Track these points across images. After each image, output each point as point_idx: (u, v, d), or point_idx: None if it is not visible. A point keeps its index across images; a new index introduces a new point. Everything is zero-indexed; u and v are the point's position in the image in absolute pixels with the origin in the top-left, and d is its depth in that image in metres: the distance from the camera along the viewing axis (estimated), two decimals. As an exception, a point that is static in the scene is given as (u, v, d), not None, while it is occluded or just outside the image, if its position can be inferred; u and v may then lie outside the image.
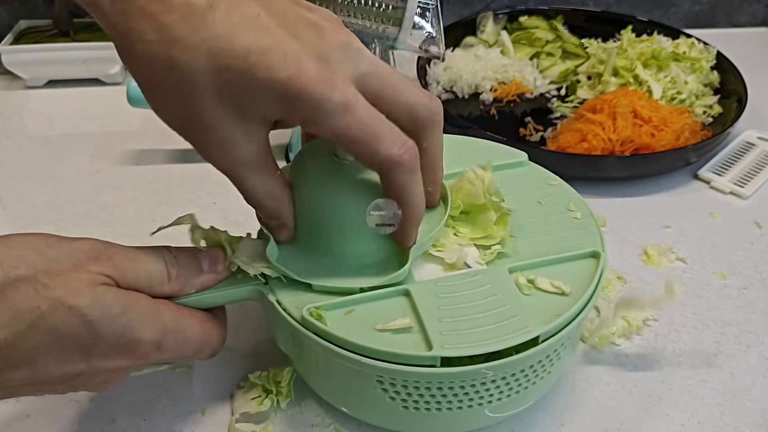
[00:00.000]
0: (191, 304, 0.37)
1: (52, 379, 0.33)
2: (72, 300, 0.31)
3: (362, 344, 0.34)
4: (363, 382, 0.36)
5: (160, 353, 0.35)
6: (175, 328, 0.35)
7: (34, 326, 0.31)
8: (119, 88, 0.80)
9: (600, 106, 0.67)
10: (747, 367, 0.46)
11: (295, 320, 0.36)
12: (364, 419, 0.41)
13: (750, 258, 0.56)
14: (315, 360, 0.39)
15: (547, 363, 0.37)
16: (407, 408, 0.37)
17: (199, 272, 0.37)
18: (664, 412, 0.43)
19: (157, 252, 0.36)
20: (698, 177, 0.66)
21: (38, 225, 0.59)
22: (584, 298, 0.37)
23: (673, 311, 0.50)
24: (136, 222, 0.60)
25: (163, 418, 0.43)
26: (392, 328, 0.35)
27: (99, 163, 0.68)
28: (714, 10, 0.95)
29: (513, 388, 0.37)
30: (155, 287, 0.35)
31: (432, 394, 0.36)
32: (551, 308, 0.36)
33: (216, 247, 0.39)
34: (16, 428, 0.42)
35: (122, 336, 0.33)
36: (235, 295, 0.38)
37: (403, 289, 0.37)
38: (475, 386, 0.35)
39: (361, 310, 0.37)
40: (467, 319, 0.36)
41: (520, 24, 0.86)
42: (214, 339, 0.38)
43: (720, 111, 0.72)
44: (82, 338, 0.32)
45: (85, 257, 0.33)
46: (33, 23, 0.84)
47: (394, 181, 0.34)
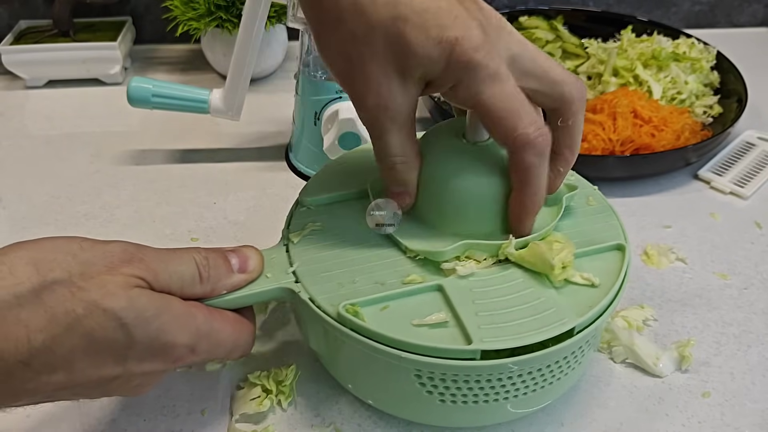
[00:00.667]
0: (222, 305, 0.37)
1: (88, 383, 0.33)
2: (107, 303, 0.31)
3: (402, 339, 0.35)
4: (401, 377, 0.37)
5: (193, 356, 0.35)
6: (208, 331, 0.35)
7: (71, 329, 0.31)
8: (119, 88, 0.80)
9: (600, 106, 0.67)
10: (747, 367, 0.46)
11: (331, 317, 0.37)
12: (397, 414, 0.42)
13: (750, 258, 0.56)
14: (350, 357, 0.39)
15: (579, 354, 0.38)
16: (444, 402, 0.37)
17: (230, 273, 0.37)
18: (664, 412, 0.43)
19: (188, 253, 0.36)
20: (698, 177, 0.66)
21: (38, 225, 0.59)
22: (614, 289, 0.38)
23: (673, 311, 0.50)
24: (136, 222, 0.60)
25: (163, 418, 0.43)
26: (429, 322, 0.36)
27: (99, 163, 0.68)
28: (714, 10, 0.95)
29: (538, 384, 0.37)
30: (187, 289, 0.35)
31: (470, 386, 0.36)
32: (584, 300, 0.37)
33: (247, 247, 0.39)
34: (16, 428, 0.42)
35: (156, 339, 0.33)
36: (267, 294, 0.39)
37: (436, 284, 0.38)
38: (512, 378, 0.36)
39: (396, 306, 0.37)
40: (503, 313, 0.36)
41: (520, 24, 0.86)
42: (245, 340, 0.38)
43: (720, 111, 0.72)
44: (117, 342, 0.32)
45: (118, 260, 0.33)
46: (33, 23, 0.85)
47: (522, 160, 0.36)
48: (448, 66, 0.34)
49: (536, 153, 0.35)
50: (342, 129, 0.58)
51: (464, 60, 0.33)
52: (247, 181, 0.64)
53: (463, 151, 0.39)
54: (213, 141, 0.71)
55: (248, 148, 0.70)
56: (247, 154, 0.69)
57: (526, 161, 0.36)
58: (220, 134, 0.72)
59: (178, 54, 0.89)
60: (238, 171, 0.66)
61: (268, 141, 0.70)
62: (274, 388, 0.43)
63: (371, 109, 0.36)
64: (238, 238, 0.57)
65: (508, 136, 0.35)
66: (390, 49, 0.34)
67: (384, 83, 0.35)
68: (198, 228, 0.59)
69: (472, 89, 0.34)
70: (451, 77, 0.34)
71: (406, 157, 0.38)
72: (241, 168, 0.67)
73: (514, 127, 0.35)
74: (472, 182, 0.39)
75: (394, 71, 0.35)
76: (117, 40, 0.79)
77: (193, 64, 0.86)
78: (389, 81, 0.35)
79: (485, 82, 0.34)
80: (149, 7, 0.88)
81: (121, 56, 0.80)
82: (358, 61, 0.35)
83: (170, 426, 0.42)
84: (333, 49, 0.36)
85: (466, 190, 0.39)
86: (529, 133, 0.35)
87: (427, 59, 0.34)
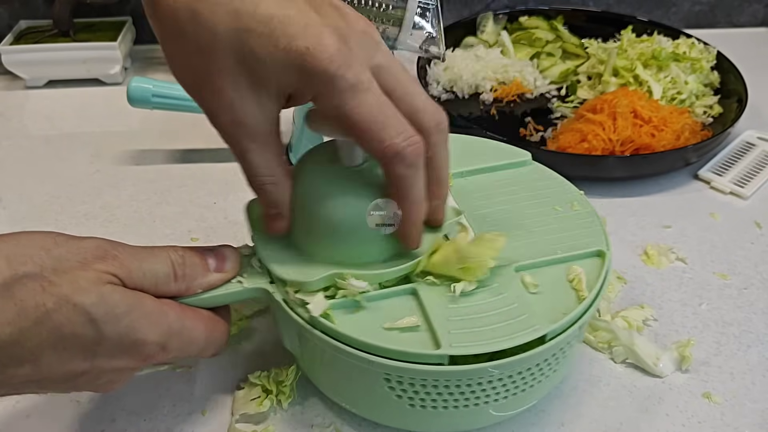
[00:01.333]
0: (197, 303, 0.37)
1: (55, 378, 0.33)
2: (77, 298, 0.31)
3: (370, 342, 0.35)
4: (370, 380, 0.36)
5: (164, 354, 0.35)
6: (179, 329, 0.35)
7: (40, 323, 0.31)
8: (119, 88, 0.80)
9: (600, 106, 0.67)
10: (747, 367, 0.46)
11: (303, 319, 0.37)
12: (370, 417, 0.41)
13: (750, 258, 0.56)
14: (322, 358, 0.39)
15: (552, 361, 0.38)
16: (413, 406, 0.37)
17: (207, 272, 0.37)
18: (664, 412, 0.43)
19: (163, 251, 0.36)
20: (698, 177, 0.66)
21: (38, 225, 0.59)
22: (590, 297, 0.37)
23: (673, 311, 0.50)
24: (136, 222, 0.60)
25: (163, 419, 0.43)
26: (400, 326, 0.35)
27: (99, 163, 0.68)
28: (714, 10, 0.95)
29: (518, 387, 0.37)
30: (161, 287, 0.35)
31: (439, 392, 0.36)
32: (558, 307, 0.37)
33: (225, 247, 0.39)
34: (16, 428, 0.42)
35: (126, 336, 0.33)
36: (242, 294, 0.38)
37: (411, 288, 0.38)
38: (482, 384, 0.36)
39: (369, 308, 0.37)
40: (475, 318, 0.36)
41: (521, 24, 0.86)
42: (218, 338, 0.38)
43: (720, 111, 0.72)
44: (86, 337, 0.32)
45: (92, 256, 0.33)
46: (33, 23, 0.85)
47: (393, 173, 0.34)
48: (301, 78, 0.32)
49: (407, 164, 0.33)
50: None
51: (318, 71, 0.31)
52: (247, 181, 0.64)
53: (337, 176, 0.37)
54: (213, 141, 0.70)
55: (248, 148, 0.69)
56: (247, 154, 0.69)
57: (397, 173, 0.34)
58: (220, 134, 0.72)
59: (178, 54, 0.89)
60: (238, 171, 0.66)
61: (268, 141, 0.70)
62: (275, 388, 0.43)
63: (226, 126, 0.34)
64: (239, 238, 0.57)
65: (376, 149, 0.33)
66: (237, 62, 0.32)
67: (236, 98, 0.33)
68: (198, 228, 0.59)
69: (333, 101, 0.32)
70: (308, 89, 0.33)
71: (274, 177, 0.36)
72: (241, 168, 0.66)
73: (381, 139, 0.33)
74: (343, 206, 0.37)
75: (245, 85, 0.33)
76: (117, 40, 0.79)
77: (193, 64, 0.86)
78: (241, 95, 0.33)
79: (345, 94, 0.32)
80: (149, 7, 0.88)
81: (121, 56, 0.80)
82: (206, 74, 0.33)
83: (170, 426, 0.42)
84: (178, 62, 0.34)
85: (337, 215, 0.37)
86: (396, 144, 0.33)
87: (279, 71, 0.32)
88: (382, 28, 0.53)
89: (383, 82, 0.33)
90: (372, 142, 0.33)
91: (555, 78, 0.80)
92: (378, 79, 0.33)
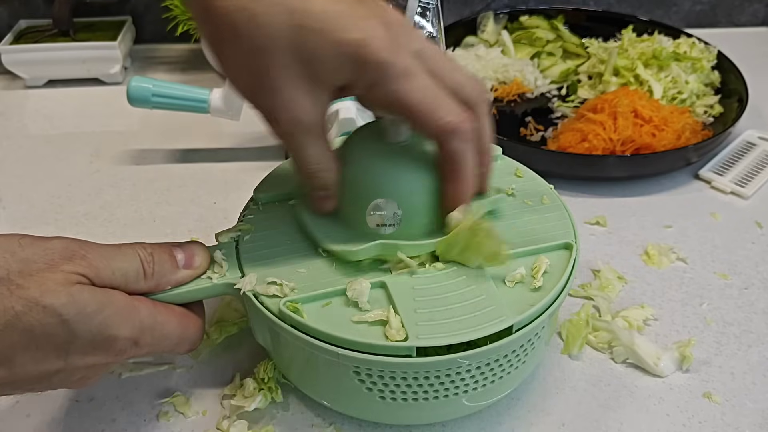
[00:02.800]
0: (168, 299, 0.37)
1: (29, 378, 0.33)
2: (47, 300, 0.31)
3: (339, 336, 0.35)
4: (340, 373, 0.37)
5: (137, 349, 0.35)
6: (151, 324, 0.35)
7: (10, 326, 0.31)
8: (119, 88, 0.80)
9: (601, 105, 0.66)
10: (747, 367, 0.46)
11: (273, 314, 0.37)
12: (343, 411, 0.42)
13: (751, 258, 0.56)
14: (293, 353, 0.39)
15: (521, 353, 0.38)
16: (384, 398, 0.37)
17: (176, 269, 0.37)
18: (664, 412, 0.43)
19: (132, 249, 0.36)
20: (699, 177, 0.66)
21: (38, 225, 0.59)
22: (557, 288, 0.38)
23: (674, 311, 0.50)
24: (136, 222, 0.60)
25: (163, 418, 0.43)
26: (369, 320, 0.36)
27: (99, 163, 0.68)
28: (715, 9, 0.95)
29: (488, 378, 0.38)
30: (131, 284, 0.35)
31: (408, 384, 0.36)
32: (525, 299, 0.37)
33: (193, 243, 0.39)
34: (16, 428, 0.42)
35: (99, 334, 0.33)
36: (212, 290, 0.39)
37: (379, 281, 0.38)
38: (451, 376, 0.36)
39: (338, 302, 0.37)
40: (442, 310, 0.36)
41: (521, 24, 0.86)
42: (192, 333, 0.38)
43: (721, 111, 0.72)
44: (58, 337, 0.32)
45: (59, 257, 0.33)
46: (33, 23, 0.85)
47: (449, 149, 0.36)
48: (356, 69, 0.33)
49: (462, 139, 0.35)
50: (342, 129, 0.58)
51: (372, 61, 0.33)
52: (247, 181, 0.64)
53: (383, 152, 0.39)
54: (213, 141, 0.71)
55: (248, 148, 0.70)
56: (247, 154, 0.69)
57: (452, 148, 0.36)
58: (220, 134, 0.72)
59: (178, 54, 0.89)
60: (238, 171, 0.66)
61: (268, 141, 0.70)
62: (264, 385, 0.43)
63: (285, 125, 0.35)
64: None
65: (431, 128, 0.35)
66: (294, 59, 0.33)
67: (294, 96, 0.34)
68: (198, 228, 0.59)
69: (387, 88, 0.34)
70: (362, 80, 0.34)
71: (325, 164, 0.37)
72: (241, 168, 0.66)
73: (435, 117, 0.35)
74: (396, 178, 0.39)
75: (302, 81, 0.34)
76: (117, 40, 0.79)
77: (193, 63, 0.86)
78: (299, 92, 0.34)
79: (398, 80, 0.33)
80: (149, 6, 0.88)
81: (121, 56, 0.80)
82: (263, 74, 0.34)
83: (170, 426, 0.42)
84: (235, 65, 0.35)
85: (390, 186, 0.38)
86: (451, 121, 0.35)
87: (334, 64, 0.33)
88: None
89: (426, 65, 0.35)
90: (428, 122, 0.35)
91: (555, 77, 0.80)
92: (421, 61, 0.35)
